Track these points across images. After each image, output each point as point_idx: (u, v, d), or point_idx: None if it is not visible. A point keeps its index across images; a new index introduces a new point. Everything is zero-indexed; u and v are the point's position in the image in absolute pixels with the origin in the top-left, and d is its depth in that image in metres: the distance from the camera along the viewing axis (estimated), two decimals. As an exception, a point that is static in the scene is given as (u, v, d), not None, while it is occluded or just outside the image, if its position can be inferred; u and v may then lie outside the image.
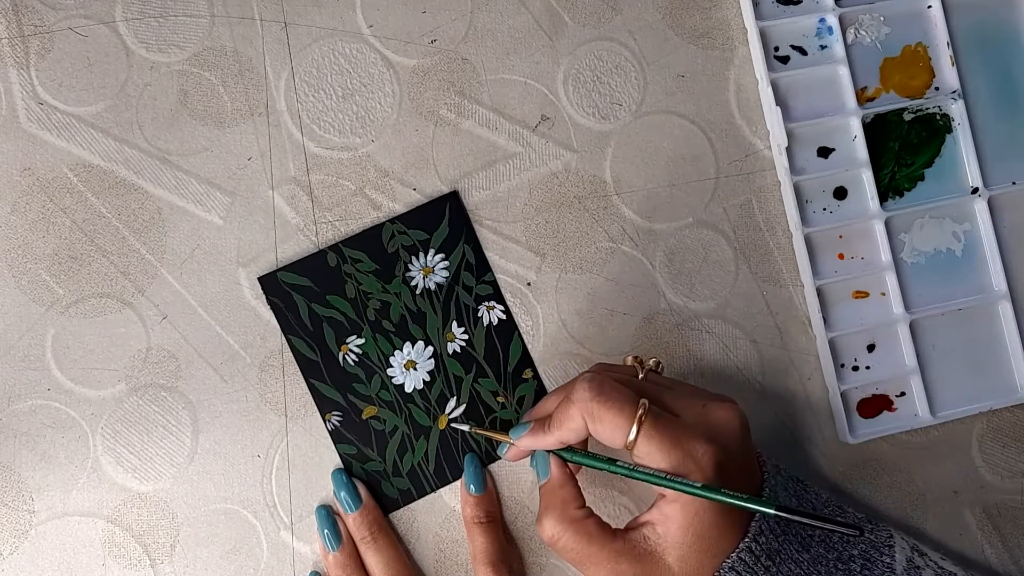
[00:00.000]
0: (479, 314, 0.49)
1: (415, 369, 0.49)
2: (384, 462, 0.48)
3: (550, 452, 0.44)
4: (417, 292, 0.49)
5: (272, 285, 0.48)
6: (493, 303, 0.49)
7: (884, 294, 0.51)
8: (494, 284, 0.49)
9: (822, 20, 0.51)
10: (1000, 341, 0.51)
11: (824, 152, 0.51)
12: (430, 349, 0.49)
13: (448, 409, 0.49)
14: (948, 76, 0.52)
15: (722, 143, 0.51)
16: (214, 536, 0.47)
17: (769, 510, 0.38)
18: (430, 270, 0.49)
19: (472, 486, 0.48)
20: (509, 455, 0.46)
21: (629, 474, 0.41)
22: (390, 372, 0.49)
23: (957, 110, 0.51)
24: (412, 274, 0.49)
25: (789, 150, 0.50)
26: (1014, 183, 0.52)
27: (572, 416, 0.41)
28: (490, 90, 0.50)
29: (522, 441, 0.44)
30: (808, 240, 0.50)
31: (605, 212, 0.50)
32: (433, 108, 0.50)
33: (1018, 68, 0.53)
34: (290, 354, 0.48)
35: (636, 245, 0.50)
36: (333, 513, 0.47)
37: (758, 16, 0.50)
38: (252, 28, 0.49)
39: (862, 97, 0.51)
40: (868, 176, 0.51)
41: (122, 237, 0.48)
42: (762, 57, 0.50)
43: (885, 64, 0.52)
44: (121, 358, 0.47)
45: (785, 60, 0.51)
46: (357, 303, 0.48)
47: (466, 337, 0.49)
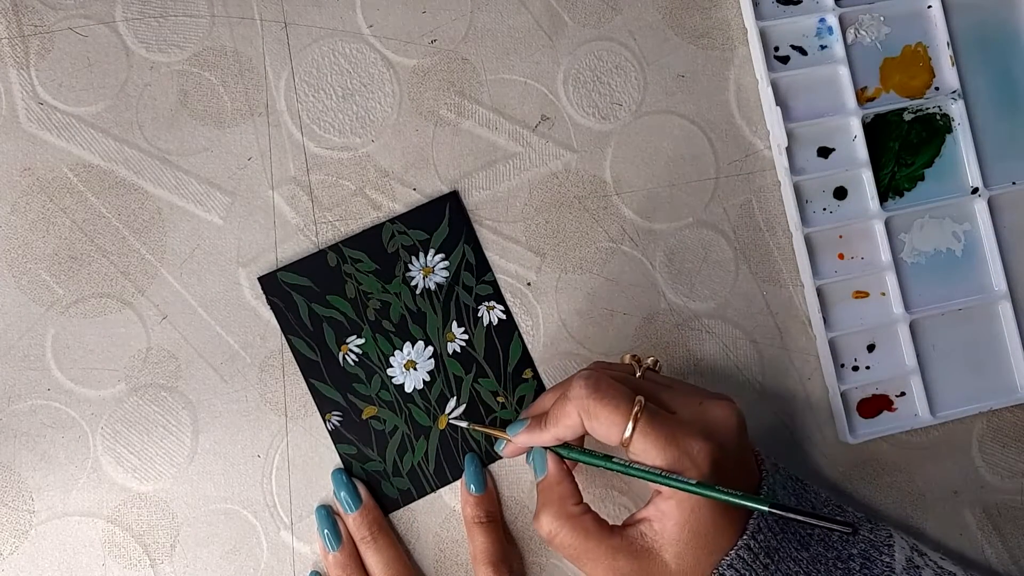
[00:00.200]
0: (479, 314, 0.49)
1: (415, 369, 0.49)
2: (384, 462, 0.48)
3: (547, 449, 0.44)
4: (417, 292, 0.49)
5: (272, 285, 0.48)
6: (493, 303, 0.49)
7: (884, 294, 0.51)
8: (494, 284, 0.49)
9: (822, 20, 0.51)
10: (1000, 341, 0.51)
11: (824, 152, 0.51)
12: (430, 349, 0.49)
13: (448, 409, 0.49)
14: (948, 76, 0.52)
15: (722, 143, 0.51)
16: (214, 536, 0.47)
17: (763, 507, 0.38)
18: (430, 270, 0.49)
19: (472, 486, 0.48)
20: (506, 451, 0.46)
21: (625, 471, 0.41)
22: (390, 372, 0.49)
23: (957, 110, 0.51)
24: (412, 274, 0.49)
25: (789, 150, 0.50)
26: (1014, 183, 0.52)
27: (568, 413, 0.41)
28: (490, 90, 0.50)
29: (519, 437, 0.44)
30: (808, 240, 0.50)
31: (605, 212, 0.50)
32: (433, 108, 0.50)
33: (1018, 68, 0.53)
34: (290, 354, 0.48)
35: (636, 245, 0.50)
36: (333, 513, 0.47)
37: (758, 16, 0.50)
38: (252, 28, 0.49)
39: (862, 97, 0.51)
40: (868, 176, 0.51)
41: (122, 237, 0.48)
42: (762, 57, 0.50)
43: (885, 64, 0.52)
44: (121, 358, 0.47)
45: (785, 60, 0.51)
46: (357, 303, 0.48)
47: (466, 337, 0.49)
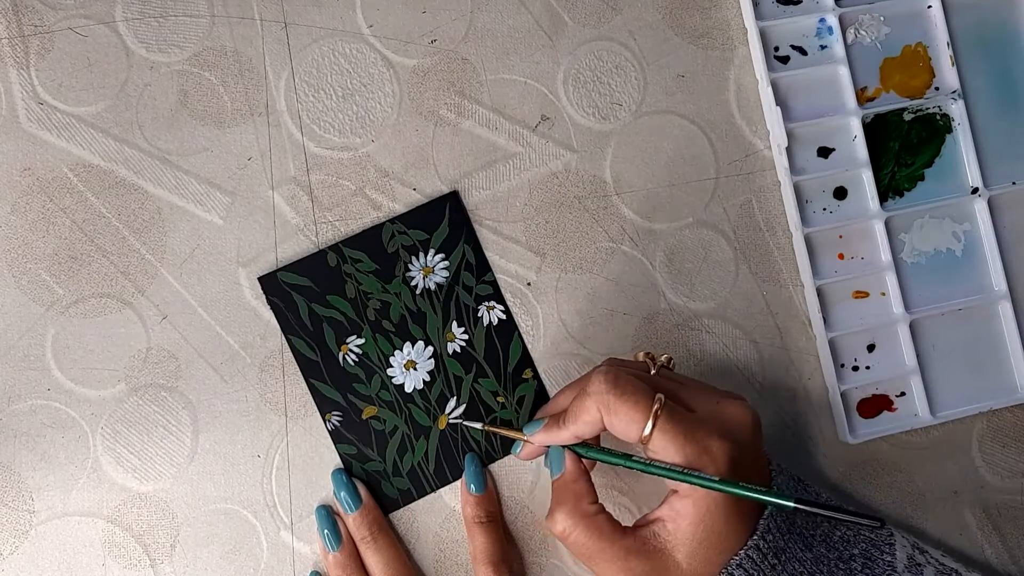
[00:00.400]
0: (479, 314, 0.49)
1: (415, 369, 0.49)
2: (384, 462, 0.48)
3: (565, 447, 0.44)
4: (417, 292, 0.49)
5: (272, 285, 0.48)
6: (493, 303, 0.49)
7: (884, 294, 0.51)
8: (494, 284, 0.49)
9: (822, 20, 0.51)
10: (1000, 341, 0.51)
11: (824, 152, 0.51)
12: (430, 349, 0.49)
13: (448, 409, 0.49)
14: (948, 76, 0.52)
15: (722, 143, 0.51)
16: (214, 536, 0.47)
17: (788, 503, 0.38)
18: (430, 270, 0.49)
19: (473, 486, 0.48)
20: (523, 453, 0.45)
21: (645, 469, 0.41)
22: (390, 372, 0.49)
23: (957, 110, 0.51)
24: (412, 274, 0.49)
25: (789, 150, 0.50)
26: (1014, 183, 0.52)
27: (588, 408, 0.41)
28: (490, 90, 0.50)
29: (537, 437, 0.44)
30: (808, 240, 0.50)
31: (605, 212, 0.50)
32: (433, 108, 0.50)
33: (1018, 68, 0.53)
34: (290, 354, 0.48)
35: (636, 245, 0.50)
36: (333, 513, 0.47)
37: (758, 16, 0.50)
38: (252, 28, 0.49)
39: (862, 97, 0.51)
40: (868, 176, 0.51)
41: (122, 237, 0.48)
42: (762, 57, 0.50)
43: (885, 64, 0.52)
44: (121, 358, 0.47)
45: (785, 60, 0.51)
46: (357, 303, 0.48)
47: (466, 337, 0.49)
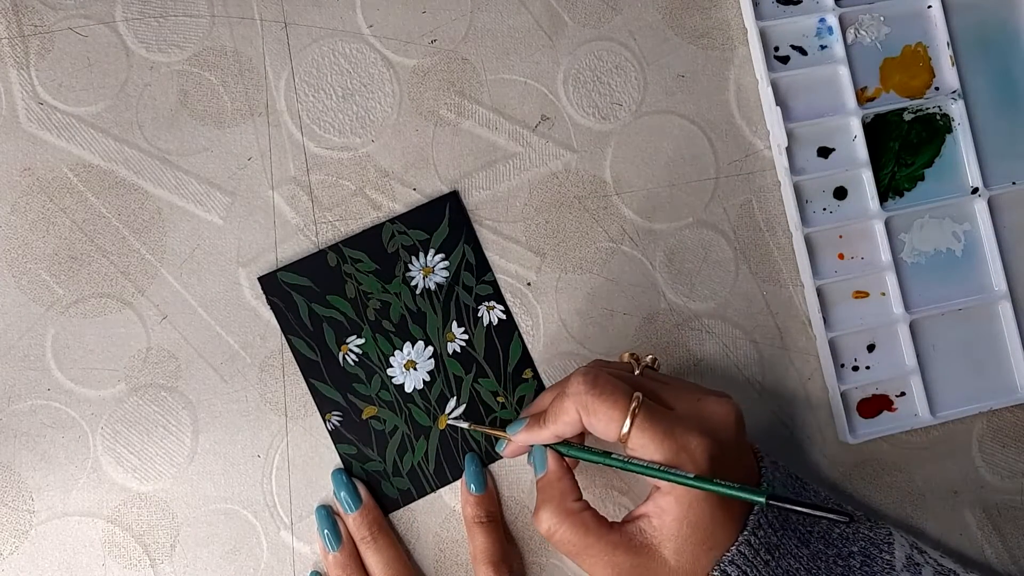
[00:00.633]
0: (479, 314, 0.49)
1: (415, 369, 0.49)
2: (384, 462, 0.48)
3: (547, 446, 0.44)
4: (417, 292, 0.49)
5: (272, 285, 0.48)
6: (493, 303, 0.49)
7: (884, 294, 0.51)
8: (494, 284, 0.49)
9: (822, 20, 0.51)
10: (1000, 341, 0.51)
11: (824, 152, 0.51)
12: (430, 349, 0.49)
13: (448, 409, 0.49)
14: (948, 76, 0.52)
15: (722, 143, 0.51)
16: (214, 536, 0.47)
17: (759, 499, 0.38)
18: (430, 270, 0.49)
19: (473, 485, 0.48)
20: (507, 451, 0.46)
21: (624, 466, 0.41)
22: (390, 372, 0.49)
23: (957, 110, 0.51)
24: (412, 274, 0.49)
25: (789, 150, 0.50)
26: (1014, 183, 0.52)
27: (567, 409, 0.42)
28: (490, 90, 0.50)
29: (519, 436, 0.44)
30: (808, 240, 0.50)
31: (605, 212, 0.50)
32: (433, 108, 0.50)
33: (1018, 68, 0.53)
34: (290, 354, 0.48)
35: (636, 245, 0.50)
36: (333, 513, 0.47)
37: (758, 16, 0.50)
38: (252, 28, 0.49)
39: (862, 97, 0.51)
40: (868, 176, 0.51)
41: (122, 237, 0.48)
42: (762, 57, 0.50)
43: (885, 64, 0.52)
44: (121, 358, 0.47)
45: (785, 60, 0.51)
46: (357, 303, 0.48)
47: (466, 337, 0.49)
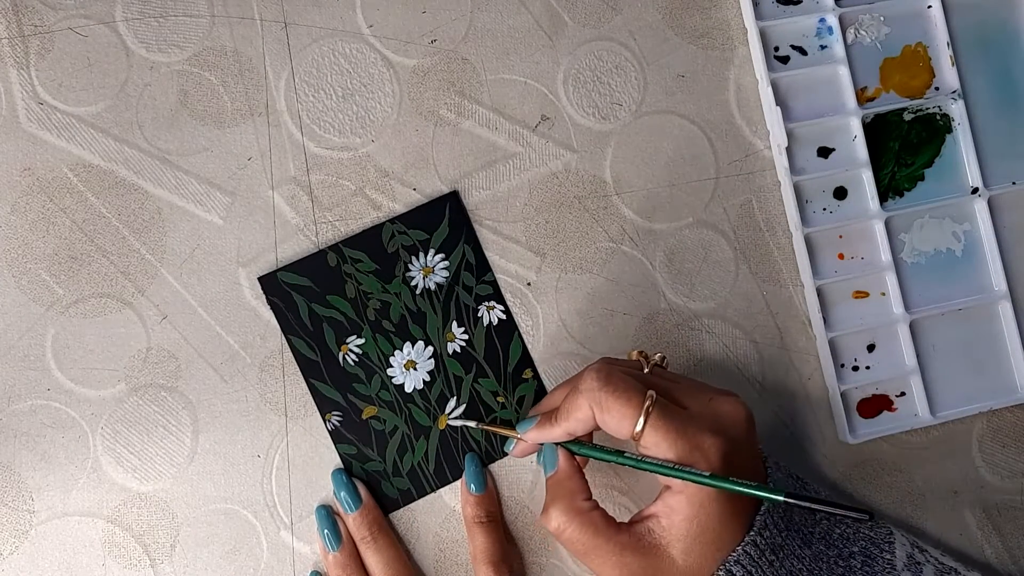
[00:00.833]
0: (479, 314, 0.49)
1: (415, 369, 0.49)
2: (384, 462, 0.48)
3: (557, 444, 0.44)
4: (417, 292, 0.49)
5: (272, 285, 0.48)
6: (493, 303, 0.49)
7: (884, 294, 0.51)
8: (494, 284, 0.49)
9: (822, 20, 0.51)
10: (1000, 341, 0.51)
11: (824, 152, 0.51)
12: (430, 349, 0.49)
13: (448, 409, 0.49)
14: (948, 76, 0.52)
15: (722, 143, 0.51)
16: (214, 536, 0.47)
17: (778, 497, 0.38)
18: (430, 270, 0.49)
19: (473, 485, 0.48)
20: (516, 451, 0.46)
21: (636, 465, 0.41)
22: (390, 372, 0.49)
23: (957, 110, 0.51)
24: (412, 274, 0.49)
25: (789, 150, 0.50)
26: (1014, 183, 0.52)
27: (580, 406, 0.41)
28: (490, 90, 0.50)
29: (529, 434, 0.44)
30: (808, 240, 0.50)
31: (605, 212, 0.50)
32: (433, 108, 0.50)
33: (1018, 68, 0.53)
34: (290, 354, 0.48)
35: (636, 245, 0.50)
36: (333, 513, 0.47)
37: (758, 16, 0.50)
38: (252, 28, 0.49)
39: (862, 97, 0.51)
40: (868, 176, 0.51)
41: (122, 237, 0.48)
42: (762, 57, 0.50)
43: (885, 64, 0.52)
44: (121, 358, 0.47)
45: (785, 60, 0.51)
46: (357, 303, 0.48)
47: (466, 337, 0.49)
